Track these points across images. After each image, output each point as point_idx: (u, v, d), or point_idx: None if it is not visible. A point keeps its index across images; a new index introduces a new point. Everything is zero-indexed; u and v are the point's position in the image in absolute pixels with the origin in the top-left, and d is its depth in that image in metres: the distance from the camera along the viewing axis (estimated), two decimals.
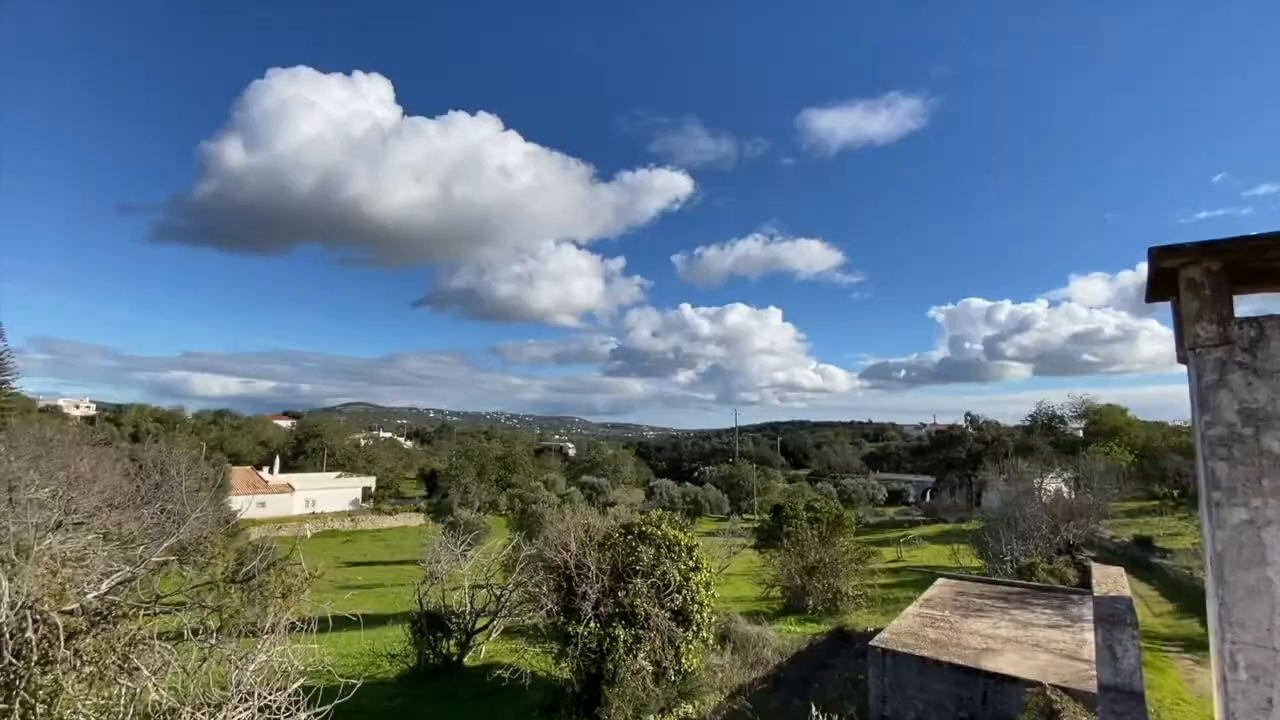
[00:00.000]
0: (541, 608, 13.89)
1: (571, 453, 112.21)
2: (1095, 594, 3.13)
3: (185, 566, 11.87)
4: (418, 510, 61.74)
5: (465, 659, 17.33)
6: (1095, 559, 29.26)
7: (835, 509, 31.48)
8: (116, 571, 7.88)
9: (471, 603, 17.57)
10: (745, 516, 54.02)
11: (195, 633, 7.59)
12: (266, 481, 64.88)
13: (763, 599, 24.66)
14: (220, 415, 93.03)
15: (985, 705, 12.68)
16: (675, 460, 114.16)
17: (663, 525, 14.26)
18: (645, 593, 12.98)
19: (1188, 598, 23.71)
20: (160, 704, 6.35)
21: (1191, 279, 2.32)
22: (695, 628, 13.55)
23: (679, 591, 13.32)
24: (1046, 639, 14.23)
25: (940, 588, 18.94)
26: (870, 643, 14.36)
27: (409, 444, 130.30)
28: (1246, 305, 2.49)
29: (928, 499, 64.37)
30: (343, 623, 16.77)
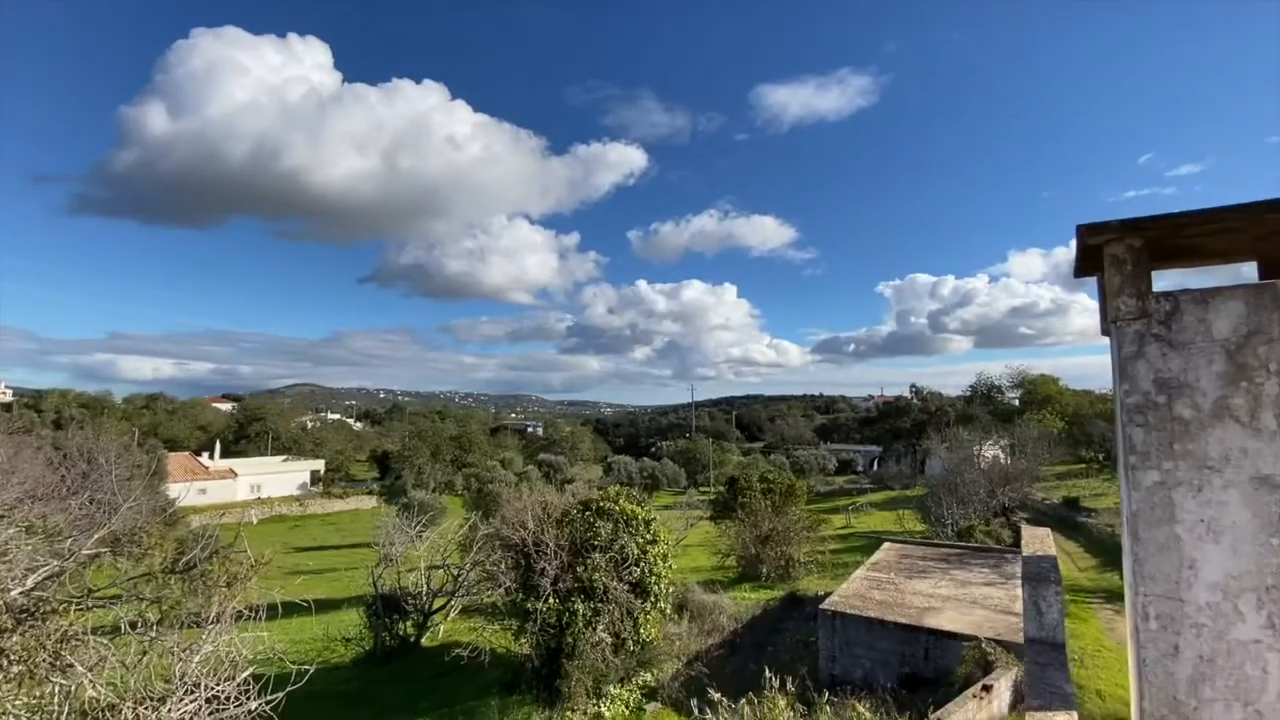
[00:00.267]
0: (500, 586, 13.90)
1: (532, 430, 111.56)
2: (1024, 554, 3.35)
3: (120, 559, 11.31)
4: (370, 493, 60.41)
5: (423, 640, 17.22)
6: (1027, 520, 31.14)
7: (787, 479, 32.37)
8: (43, 566, 7.47)
9: (428, 584, 17.42)
10: (702, 489, 55.03)
11: (134, 626, 7.30)
12: (207, 467, 62.16)
13: (718, 568, 25.28)
14: (153, 399, 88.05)
15: (927, 660, 13.44)
16: (633, 436, 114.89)
17: (620, 500, 14.39)
18: (604, 567, 13.12)
19: (1110, 553, 25.50)
20: (98, 700, 6.11)
21: (1115, 255, 2.45)
22: (653, 599, 13.82)
23: (637, 564, 13.52)
24: (983, 596, 15.13)
25: (886, 551, 19.84)
26: (820, 606, 14.97)
27: (359, 425, 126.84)
28: (1165, 280, 2.63)
29: (875, 468, 66.87)
30: (294, 609, 16.39)
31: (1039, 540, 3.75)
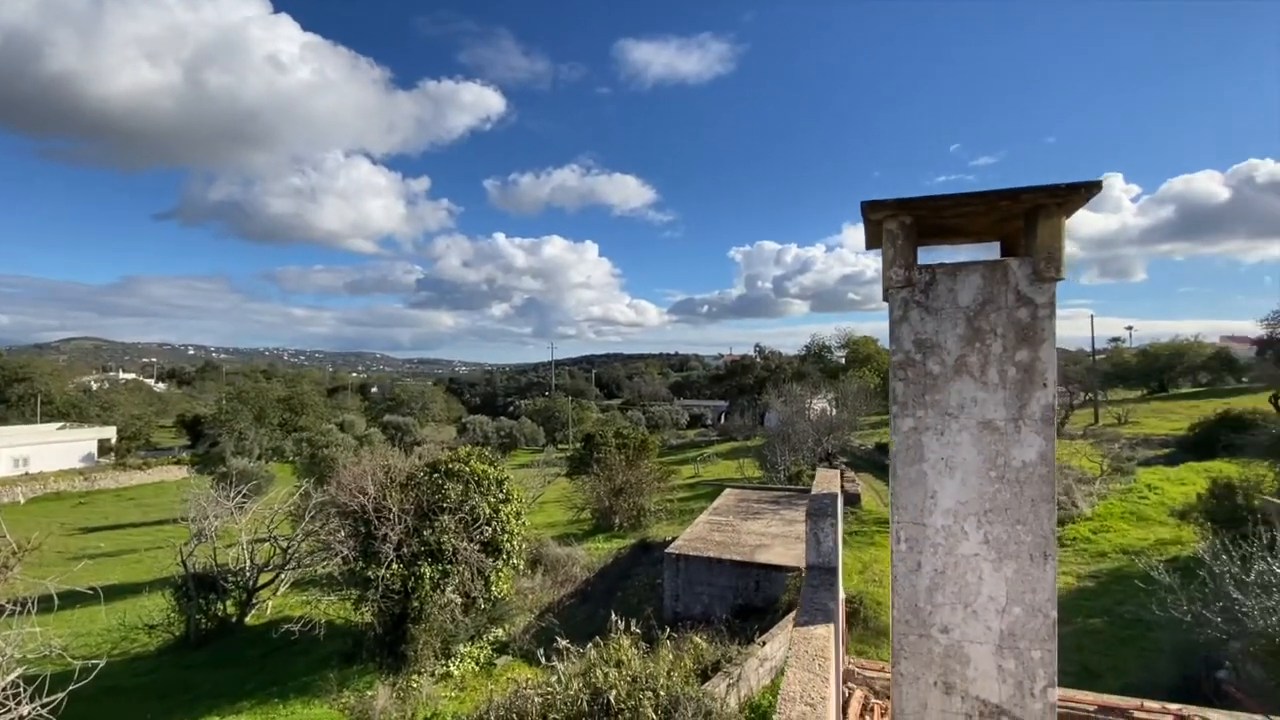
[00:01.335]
0: (336, 555, 13.07)
1: (377, 391, 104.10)
2: (811, 493, 3.84)
3: None
4: (179, 462, 53.05)
5: (247, 618, 15.79)
6: (847, 463, 35.43)
7: (641, 435, 33.68)
8: None
9: (251, 558, 15.88)
10: (561, 447, 55.51)
11: None
12: None
13: (574, 522, 25.88)
14: None
15: (758, 591, 14.96)
16: (490, 396, 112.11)
17: (471, 461, 14.06)
18: (453, 528, 12.84)
19: None
20: None
21: (890, 230, 2.78)
22: (506, 556, 13.82)
23: (488, 524, 13.39)
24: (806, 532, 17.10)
25: (726, 497, 21.56)
26: (666, 550, 15.99)
27: (161, 386, 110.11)
28: (940, 254, 3.04)
29: (723, 421, 71.80)
30: (79, 598, 14.21)
31: (828, 481, 4.30)
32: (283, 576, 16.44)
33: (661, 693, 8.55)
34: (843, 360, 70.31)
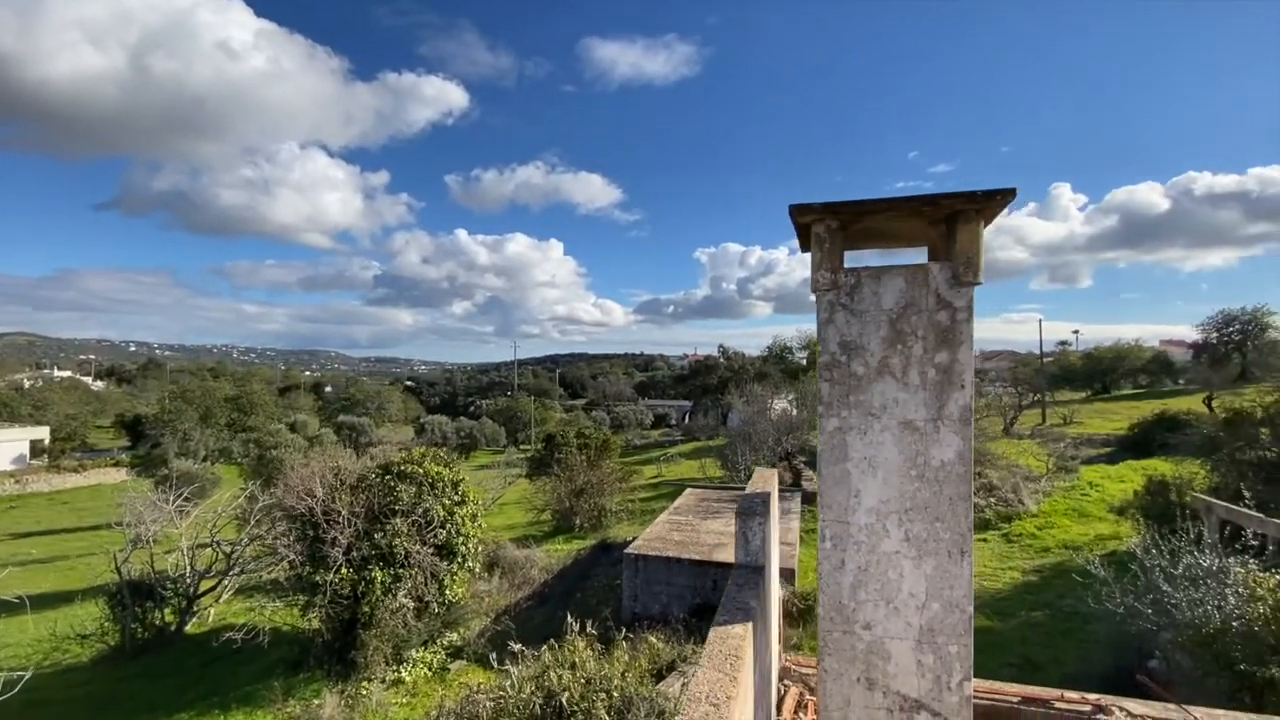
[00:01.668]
0: (283, 560, 12.66)
1: (332, 391, 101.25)
2: (745, 491, 3.87)
3: None
4: (118, 464, 50.58)
5: (188, 627, 15.15)
6: (805, 462, 36.06)
7: (604, 435, 33.59)
8: None
9: (192, 564, 15.24)
10: (522, 448, 54.98)
11: None
12: None
13: (534, 523, 25.65)
14: None
15: (715, 590, 15.07)
16: (450, 395, 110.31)
17: (425, 462, 13.80)
18: (406, 531, 12.57)
19: None
20: None
21: (818, 234, 2.82)
22: (461, 559, 13.60)
23: (443, 526, 13.16)
24: None
25: (687, 496, 21.66)
26: (625, 551, 15.97)
27: (99, 385, 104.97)
28: (873, 259, 3.09)
29: (686, 421, 72.17)
30: (7, 607, 13.45)
31: (764, 480, 4.35)
32: (226, 583, 15.84)
33: (615, 694, 8.53)
34: (804, 361, 71.51)
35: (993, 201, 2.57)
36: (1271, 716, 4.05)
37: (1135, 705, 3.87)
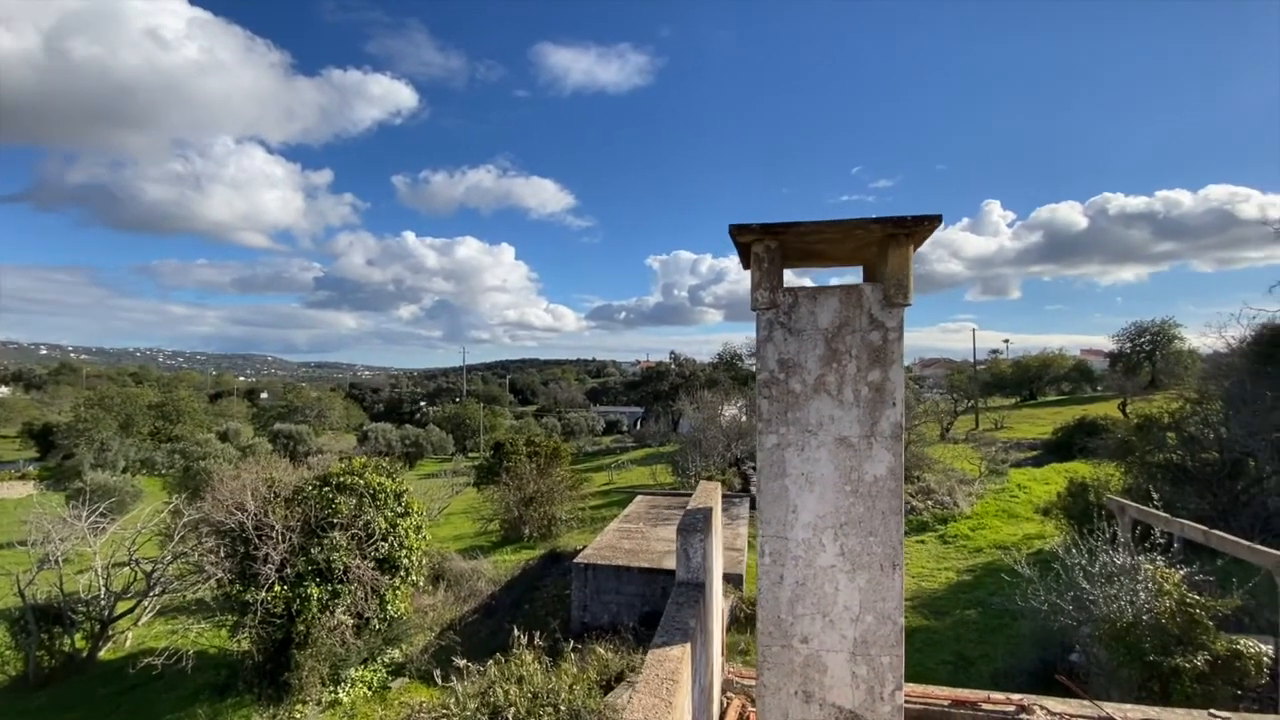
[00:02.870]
0: (210, 578, 11.97)
1: (268, 397, 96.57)
2: (688, 507, 3.91)
3: None
4: (23, 477, 46.84)
5: (101, 653, 14.11)
6: (754, 467, 36.68)
7: (555, 442, 33.25)
8: None
9: (108, 585, 14.22)
10: (471, 455, 53.85)
11: None
12: None
13: (481, 534, 25.13)
14: None
15: (665, 597, 15.06)
16: (395, 402, 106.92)
17: (366, 473, 13.32)
18: (345, 545, 12.10)
19: None
20: None
21: (757, 254, 2.88)
22: (404, 573, 13.18)
23: (385, 539, 12.73)
24: None
25: (638, 504, 21.65)
26: (575, 560, 15.82)
27: (4, 390, 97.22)
28: (821, 277, 3.15)
29: (638, 427, 72.26)
30: None
31: (706, 494, 4.40)
32: (146, 604, 14.83)
33: (563, 707, 8.41)
34: (754, 368, 72.78)
35: (921, 227, 2.68)
36: (1173, 709, 4.34)
37: (1054, 703, 4.08)
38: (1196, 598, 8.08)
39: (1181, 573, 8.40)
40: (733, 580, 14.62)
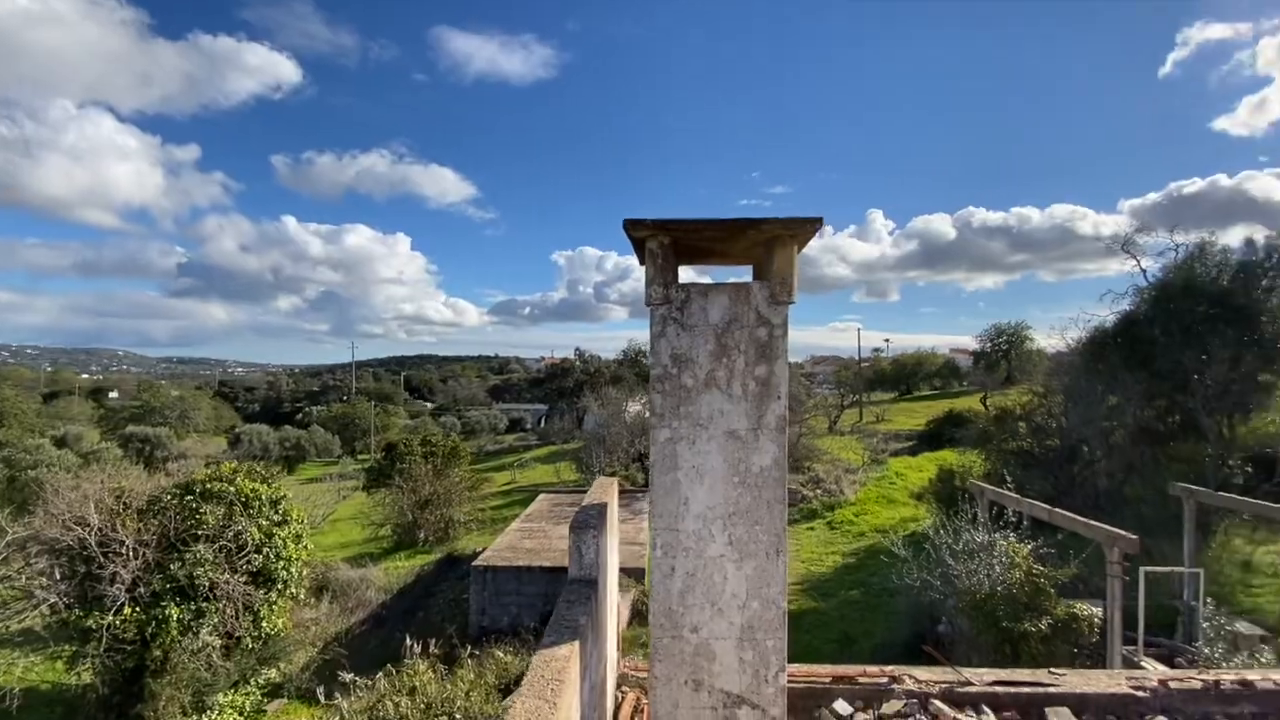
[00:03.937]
0: (42, 603, 10.45)
1: (116, 397, 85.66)
2: (582, 504, 3.91)
3: None
4: None
5: None
6: None
7: (453, 441, 32.11)
8: None
9: None
10: (360, 457, 50.78)
11: None
12: None
13: (371, 540, 23.82)
14: None
15: None
16: (273, 401, 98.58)
17: (237, 478, 12.17)
18: (212, 559, 10.97)
19: None
20: None
21: (652, 249, 2.90)
22: (281, 586, 12.17)
23: (259, 550, 11.68)
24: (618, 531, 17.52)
25: (540, 502, 21.33)
26: (473, 564, 15.32)
27: None
28: (720, 273, 3.19)
29: (542, 425, 71.26)
30: None
31: (601, 490, 4.41)
32: None
33: (458, 715, 8.13)
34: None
35: (804, 228, 2.81)
36: (1019, 670, 4.88)
37: (921, 672, 4.46)
38: (1041, 569, 9.15)
39: (1029, 547, 9.48)
40: (634, 575, 14.77)
